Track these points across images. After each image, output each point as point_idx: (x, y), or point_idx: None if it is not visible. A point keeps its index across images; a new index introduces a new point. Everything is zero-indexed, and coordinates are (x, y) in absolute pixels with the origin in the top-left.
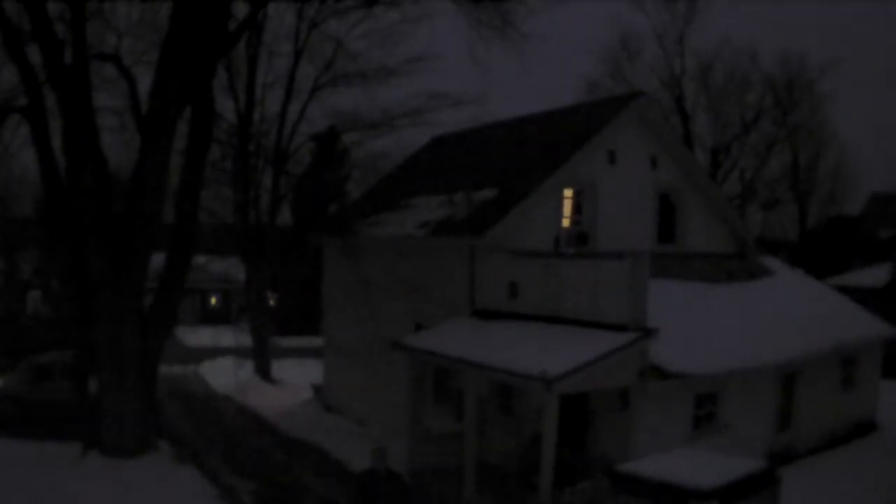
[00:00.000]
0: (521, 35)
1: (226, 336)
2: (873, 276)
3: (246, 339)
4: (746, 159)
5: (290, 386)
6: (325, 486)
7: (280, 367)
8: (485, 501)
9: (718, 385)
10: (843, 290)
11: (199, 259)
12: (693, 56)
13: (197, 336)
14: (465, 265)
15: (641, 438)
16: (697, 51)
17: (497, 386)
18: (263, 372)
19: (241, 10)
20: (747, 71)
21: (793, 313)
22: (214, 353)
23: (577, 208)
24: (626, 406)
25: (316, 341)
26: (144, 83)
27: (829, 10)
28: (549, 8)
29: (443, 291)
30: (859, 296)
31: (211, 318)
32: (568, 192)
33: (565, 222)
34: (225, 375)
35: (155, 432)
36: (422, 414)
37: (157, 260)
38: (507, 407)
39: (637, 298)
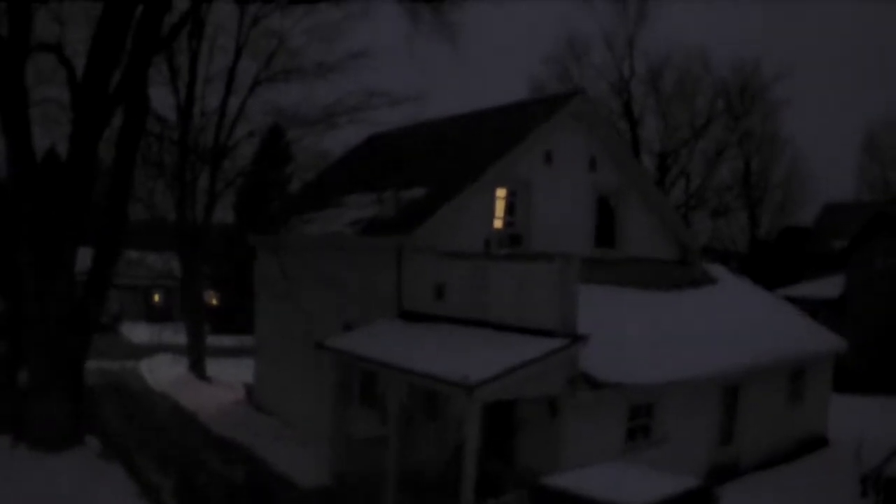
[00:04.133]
0: (457, 31)
1: (167, 333)
2: (825, 287)
3: (185, 337)
4: (695, 165)
5: (225, 385)
6: (247, 486)
7: (218, 366)
8: None
9: (655, 396)
10: (794, 301)
11: (132, 254)
12: (643, 60)
13: (139, 332)
14: (392, 265)
15: (570, 450)
16: (647, 54)
17: (421, 391)
18: (198, 370)
19: (182, 4)
20: (698, 75)
21: (737, 323)
22: (154, 349)
23: (510, 209)
24: (555, 416)
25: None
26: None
27: (784, 18)
28: (493, 8)
29: (371, 292)
30: (811, 307)
31: (154, 315)
32: (501, 192)
33: (497, 223)
34: (162, 372)
35: (83, 427)
36: (347, 418)
37: (88, 258)
38: (431, 413)
39: (566, 303)
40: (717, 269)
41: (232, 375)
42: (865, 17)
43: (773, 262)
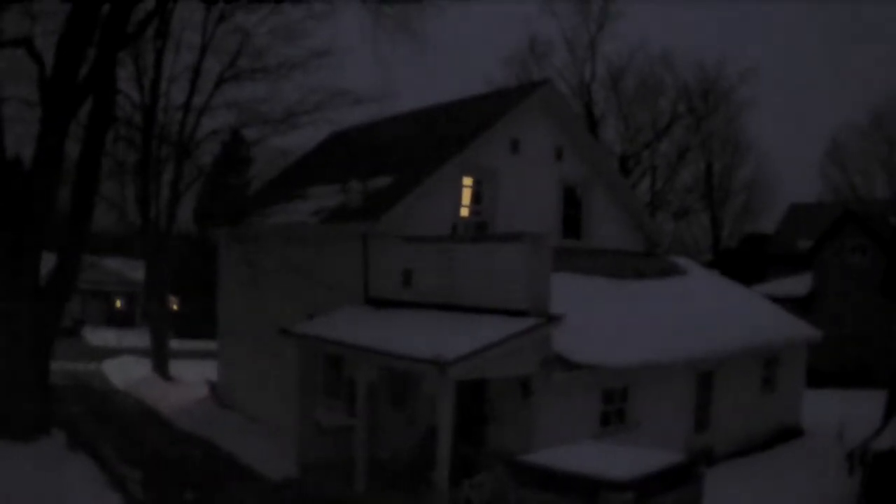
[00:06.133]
0: (421, 33)
1: (129, 337)
2: (792, 285)
3: (147, 341)
4: (657, 168)
5: (188, 384)
6: (211, 477)
7: (180, 367)
8: (378, 498)
9: (628, 379)
10: None
11: (93, 258)
12: (604, 62)
13: (101, 336)
14: (358, 252)
15: (543, 433)
16: (609, 57)
17: (389, 375)
18: (161, 370)
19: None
20: (661, 78)
21: (709, 311)
22: (117, 352)
23: (476, 197)
24: (528, 398)
25: (215, 345)
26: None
27: (749, 23)
28: (456, 10)
29: (336, 280)
30: (779, 305)
31: (116, 320)
32: (467, 181)
33: (463, 211)
34: (125, 373)
35: (49, 419)
36: (313, 407)
37: (50, 261)
38: (400, 399)
39: (537, 282)
40: (685, 262)
41: (195, 375)
42: (830, 23)
43: (736, 266)
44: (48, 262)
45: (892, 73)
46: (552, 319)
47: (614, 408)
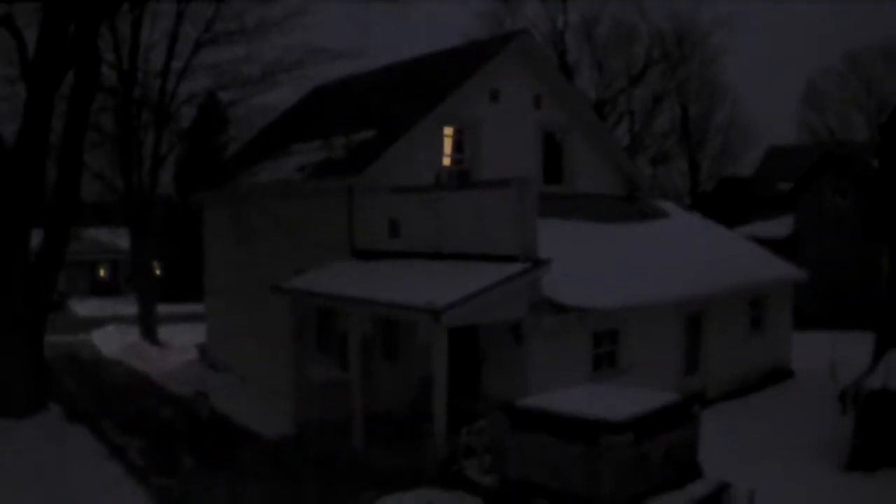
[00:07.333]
0: None
1: (116, 305)
2: (773, 227)
3: (133, 308)
4: (634, 113)
5: (177, 348)
6: (211, 440)
7: (168, 332)
8: (375, 453)
9: (618, 322)
10: None
11: (73, 229)
12: (577, 10)
13: (88, 307)
14: (344, 206)
15: (537, 378)
16: (581, 5)
17: (381, 327)
18: (150, 336)
19: None
20: (635, 24)
21: (693, 252)
22: (103, 321)
23: (458, 147)
24: (520, 343)
25: (201, 308)
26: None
27: None
28: None
29: (323, 235)
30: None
31: (100, 289)
32: (448, 131)
33: (446, 161)
34: (114, 341)
35: (45, 393)
36: (305, 364)
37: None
38: (393, 352)
39: (525, 227)
40: (666, 205)
41: (183, 339)
42: None
43: (715, 209)
44: (34, 236)
45: (868, 16)
46: (541, 263)
47: (605, 351)
